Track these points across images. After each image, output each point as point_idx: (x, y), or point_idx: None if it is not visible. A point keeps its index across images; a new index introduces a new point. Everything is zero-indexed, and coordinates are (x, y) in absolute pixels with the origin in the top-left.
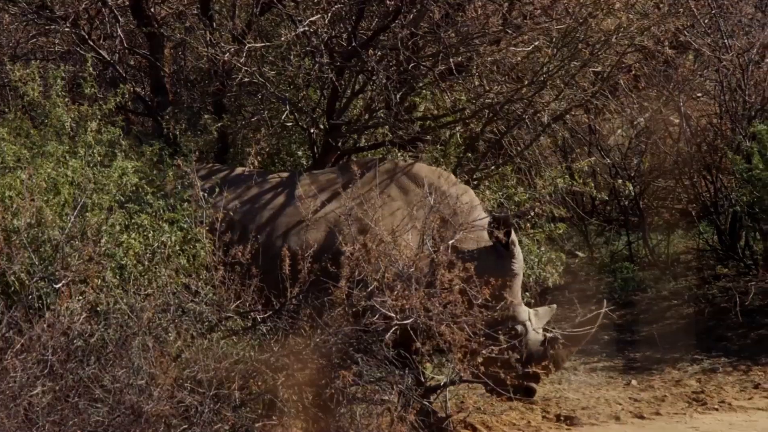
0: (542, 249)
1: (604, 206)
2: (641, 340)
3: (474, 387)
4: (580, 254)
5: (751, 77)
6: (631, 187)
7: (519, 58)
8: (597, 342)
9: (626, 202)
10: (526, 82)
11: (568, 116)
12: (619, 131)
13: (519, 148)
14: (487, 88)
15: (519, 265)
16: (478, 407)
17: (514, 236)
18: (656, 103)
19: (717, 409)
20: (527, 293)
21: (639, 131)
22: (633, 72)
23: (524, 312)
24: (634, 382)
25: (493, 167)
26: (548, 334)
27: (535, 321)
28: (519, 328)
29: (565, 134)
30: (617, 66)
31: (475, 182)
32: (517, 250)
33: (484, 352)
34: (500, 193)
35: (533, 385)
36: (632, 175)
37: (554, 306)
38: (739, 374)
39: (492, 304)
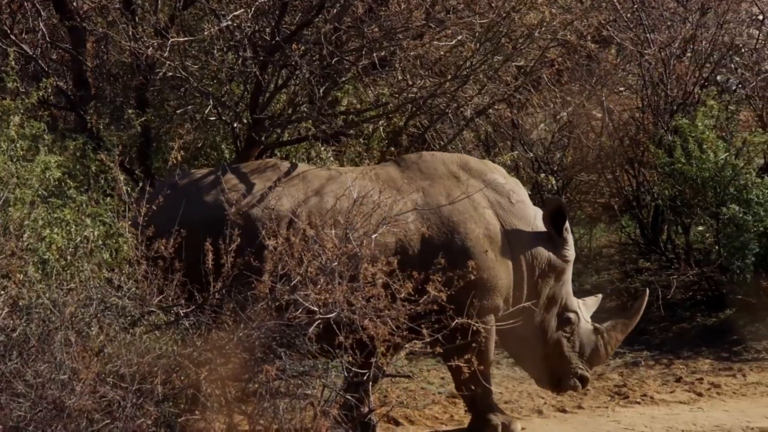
0: None
1: None
2: None
3: (397, 381)
4: None
5: (673, 71)
6: (554, 182)
7: (442, 53)
8: None
9: (549, 196)
10: (449, 77)
11: (491, 110)
12: (542, 125)
13: (442, 143)
14: (411, 82)
15: (571, 252)
16: (401, 401)
17: (567, 223)
18: (579, 97)
19: (639, 403)
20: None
21: (562, 125)
22: (556, 66)
23: (575, 302)
24: None
25: None
26: (597, 324)
27: (584, 310)
28: (572, 316)
29: (488, 128)
30: (540, 60)
31: None
32: (570, 237)
33: (406, 345)
34: None
35: (586, 373)
36: (555, 169)
37: (600, 296)
38: (661, 368)
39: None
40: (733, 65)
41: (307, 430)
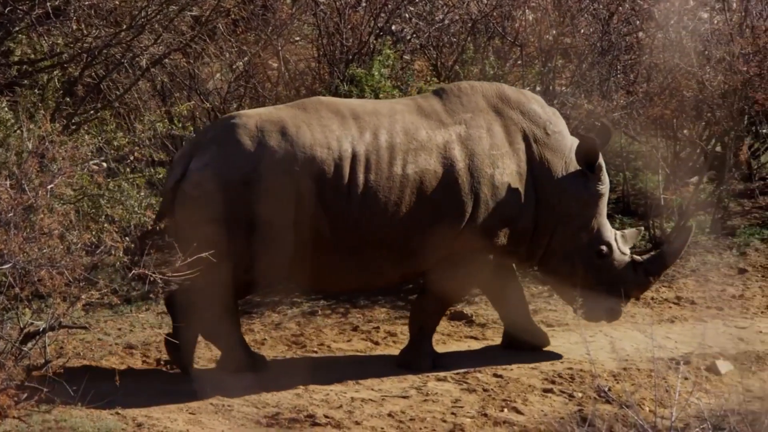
0: (142, 193)
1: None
2: None
3: (74, 333)
4: None
5: (348, 21)
6: None
7: (117, 2)
8: None
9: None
10: (124, 26)
11: (166, 60)
12: (218, 75)
13: (118, 93)
14: (85, 32)
15: (605, 186)
16: (77, 353)
17: (600, 159)
18: (255, 47)
19: (316, 352)
20: (127, 238)
21: (238, 75)
22: (231, 16)
23: (610, 232)
24: None
25: (92, 112)
26: (636, 257)
27: (621, 242)
28: (604, 248)
29: (164, 78)
30: (216, 10)
31: (74, 127)
32: (603, 173)
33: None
34: (99, 138)
35: (619, 305)
36: None
37: (642, 228)
38: (338, 317)
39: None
40: (407, 15)
41: None
